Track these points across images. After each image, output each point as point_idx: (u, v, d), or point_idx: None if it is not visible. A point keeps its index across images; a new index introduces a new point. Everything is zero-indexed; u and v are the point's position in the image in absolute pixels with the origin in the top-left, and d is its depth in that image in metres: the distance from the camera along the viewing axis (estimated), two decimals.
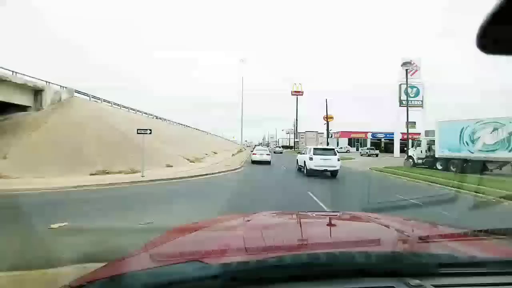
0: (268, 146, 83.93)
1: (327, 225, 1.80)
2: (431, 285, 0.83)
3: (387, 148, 50.25)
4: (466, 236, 1.35)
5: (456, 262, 0.98)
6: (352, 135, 62.91)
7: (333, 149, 13.82)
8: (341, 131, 61.66)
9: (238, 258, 1.01)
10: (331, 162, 12.55)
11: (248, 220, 1.86)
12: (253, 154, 21.03)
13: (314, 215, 2.04)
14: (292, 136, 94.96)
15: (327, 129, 40.85)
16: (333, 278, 0.89)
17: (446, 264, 0.94)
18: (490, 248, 1.24)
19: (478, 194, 8.61)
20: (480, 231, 1.35)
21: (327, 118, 40.08)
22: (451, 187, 10.15)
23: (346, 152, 49.42)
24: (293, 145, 79.29)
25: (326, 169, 12.63)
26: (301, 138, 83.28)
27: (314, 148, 13.46)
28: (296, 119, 61.66)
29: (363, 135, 62.46)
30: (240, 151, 42.02)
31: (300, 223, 1.88)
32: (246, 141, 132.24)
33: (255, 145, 62.41)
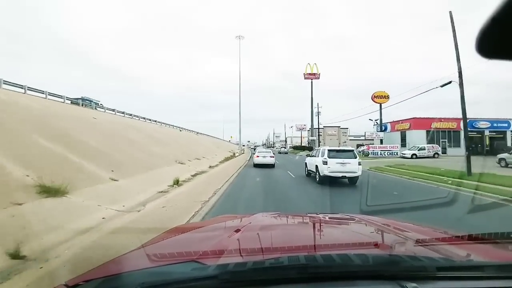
0: (273, 147, 77.63)
1: (325, 227, 1.80)
2: None
3: (495, 148, 28.06)
4: (463, 240, 1.35)
5: (453, 265, 0.99)
6: (435, 125, 32.41)
7: (352, 150, 11.67)
8: (414, 119, 33.68)
9: (235, 259, 1.01)
10: (350, 167, 10.43)
11: (246, 221, 1.85)
12: (255, 157, 19.45)
13: (311, 216, 2.04)
14: (305, 133, 73.63)
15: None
16: (330, 280, 0.89)
17: (443, 267, 0.94)
18: (487, 252, 1.24)
19: None
20: (477, 234, 1.35)
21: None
22: None
23: (434, 156, 27.65)
24: (307, 144, 60.71)
25: (344, 176, 10.55)
26: (319, 135, 62.31)
27: (329, 150, 11.11)
28: (312, 110, 42.78)
29: (453, 124, 32.94)
30: (231, 157, 26.73)
31: (297, 224, 1.88)
32: (248, 141, 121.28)
33: (255, 146, 58.11)
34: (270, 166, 18.41)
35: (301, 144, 78.47)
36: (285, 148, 68.66)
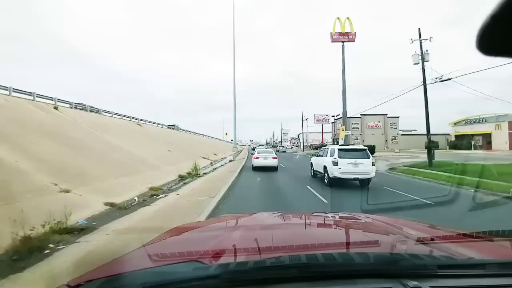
0: (280, 146, 70.09)
1: (326, 225, 1.80)
2: (429, 286, 0.83)
3: None
4: (465, 238, 1.35)
5: (454, 263, 0.99)
6: None
7: (365, 149, 10.54)
8: None
9: (237, 259, 1.01)
10: (363, 168, 9.63)
11: (247, 221, 1.86)
12: (254, 158, 16.10)
13: (312, 215, 2.05)
14: (329, 128, 55.36)
15: None
16: (331, 279, 0.89)
17: (444, 265, 0.95)
18: (488, 249, 1.25)
19: None
20: (479, 232, 1.35)
21: None
22: None
23: None
24: (337, 141, 38.69)
25: (357, 177, 9.76)
26: (354, 126, 41.90)
27: (339, 149, 10.29)
28: (344, 89, 26.98)
29: None
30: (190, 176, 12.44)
31: (298, 223, 1.88)
32: (251, 140, 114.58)
33: (254, 147, 53.44)
34: (272, 169, 15.37)
35: (322, 141, 51.44)
36: (283, 146, 68.19)
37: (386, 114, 45.48)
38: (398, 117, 47.53)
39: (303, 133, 58.70)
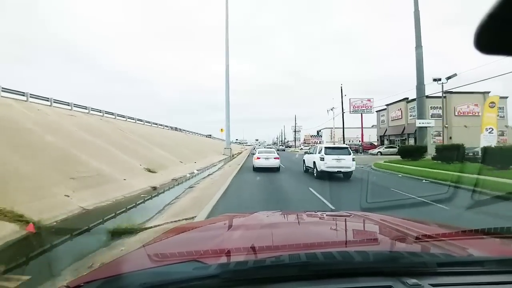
0: (279, 146, 70.90)
1: (325, 224, 1.80)
2: (428, 284, 0.84)
3: None
4: (464, 235, 1.35)
5: (453, 261, 0.99)
6: None
7: (347, 147, 12.78)
8: None
9: (236, 258, 1.01)
10: (345, 163, 11.68)
11: (247, 220, 1.86)
12: (255, 158, 15.70)
13: (312, 214, 2.05)
14: (372, 120, 37.92)
15: None
16: (331, 278, 0.89)
17: (443, 263, 0.95)
18: (487, 247, 1.25)
19: None
20: (477, 230, 1.36)
21: None
22: None
23: None
24: (403, 140, 30.24)
25: (340, 171, 11.77)
26: (432, 113, 27.92)
27: (326, 147, 12.38)
28: (419, 44, 20.51)
29: None
30: None
31: (298, 222, 1.88)
32: (256, 140, 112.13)
33: (255, 146, 53.02)
34: (274, 170, 14.93)
35: (362, 139, 33.40)
36: (282, 146, 71.82)
37: (489, 92, 26.83)
38: (506, 97, 28.38)
39: (343, 128, 34.57)
